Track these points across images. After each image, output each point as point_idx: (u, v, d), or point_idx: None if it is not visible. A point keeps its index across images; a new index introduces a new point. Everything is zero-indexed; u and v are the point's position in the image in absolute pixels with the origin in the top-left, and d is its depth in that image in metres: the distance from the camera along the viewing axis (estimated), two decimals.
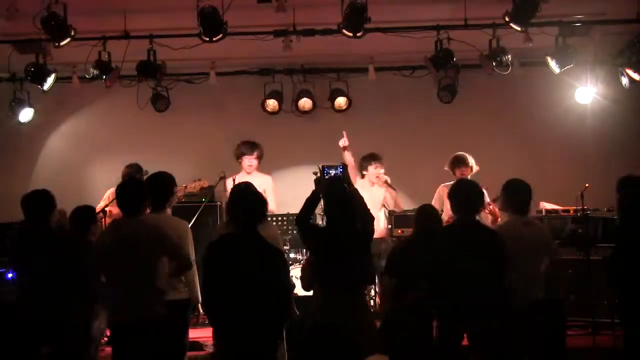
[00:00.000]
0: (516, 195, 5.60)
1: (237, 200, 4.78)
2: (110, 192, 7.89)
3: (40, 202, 5.49)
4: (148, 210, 5.27)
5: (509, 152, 9.44)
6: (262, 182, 7.54)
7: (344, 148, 7.68)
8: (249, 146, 8.11)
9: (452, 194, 5.33)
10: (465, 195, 5.24)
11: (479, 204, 5.37)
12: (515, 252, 5.24)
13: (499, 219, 6.89)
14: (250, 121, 9.60)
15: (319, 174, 5.39)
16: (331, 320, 4.79)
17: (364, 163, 7.89)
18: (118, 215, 7.60)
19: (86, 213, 5.98)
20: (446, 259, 5.06)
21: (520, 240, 5.34)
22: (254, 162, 8.12)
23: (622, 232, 5.56)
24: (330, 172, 5.46)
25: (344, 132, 7.52)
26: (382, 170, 7.82)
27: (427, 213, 5.95)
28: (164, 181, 5.55)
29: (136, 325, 4.81)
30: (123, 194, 5.07)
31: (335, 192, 5.24)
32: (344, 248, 5.04)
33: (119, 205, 5.15)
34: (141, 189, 5.16)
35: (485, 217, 7.02)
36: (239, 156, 8.13)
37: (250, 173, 8.05)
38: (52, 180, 9.46)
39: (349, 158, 7.58)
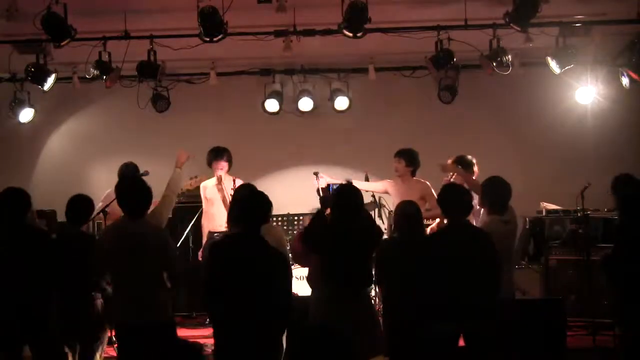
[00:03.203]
0: (498, 194, 5.62)
1: (238, 201, 4.79)
2: (108, 193, 7.87)
3: (18, 201, 5.42)
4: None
5: (509, 152, 9.44)
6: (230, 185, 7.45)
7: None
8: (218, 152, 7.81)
9: (443, 198, 5.38)
10: (456, 198, 5.28)
11: (469, 206, 5.42)
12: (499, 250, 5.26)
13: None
14: (250, 121, 9.61)
15: (322, 193, 5.37)
16: (335, 320, 4.79)
17: None
18: (117, 216, 7.63)
19: (86, 203, 5.79)
20: (440, 261, 5.07)
21: (500, 240, 5.36)
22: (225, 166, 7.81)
23: (621, 232, 5.55)
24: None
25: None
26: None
27: (406, 214, 5.73)
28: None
29: (147, 328, 4.85)
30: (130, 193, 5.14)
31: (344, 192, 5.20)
32: (349, 249, 5.03)
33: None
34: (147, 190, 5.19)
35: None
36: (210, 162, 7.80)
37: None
38: (52, 180, 9.52)
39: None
